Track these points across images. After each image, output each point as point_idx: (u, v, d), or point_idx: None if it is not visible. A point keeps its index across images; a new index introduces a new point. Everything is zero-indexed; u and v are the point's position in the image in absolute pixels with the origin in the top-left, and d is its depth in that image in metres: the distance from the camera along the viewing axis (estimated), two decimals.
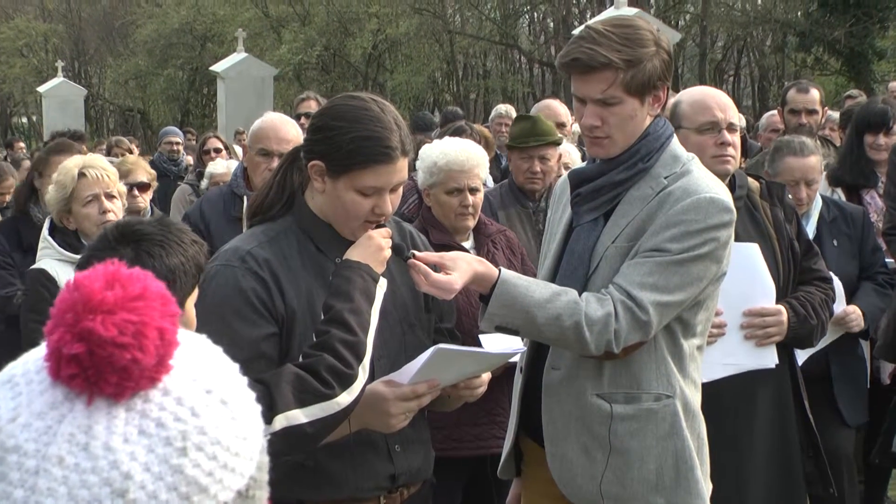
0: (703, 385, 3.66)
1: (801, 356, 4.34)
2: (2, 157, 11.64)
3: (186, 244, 2.44)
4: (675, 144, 3.10)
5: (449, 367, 2.76)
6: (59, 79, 28.59)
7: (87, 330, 1.08)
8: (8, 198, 8.01)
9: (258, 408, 1.19)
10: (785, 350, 3.96)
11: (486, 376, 2.96)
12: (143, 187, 6.13)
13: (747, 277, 3.85)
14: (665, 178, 3.02)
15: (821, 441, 4.05)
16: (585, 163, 3.31)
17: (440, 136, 5.73)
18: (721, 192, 3.02)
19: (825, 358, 4.68)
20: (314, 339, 2.57)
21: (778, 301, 3.92)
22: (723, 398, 3.76)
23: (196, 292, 2.51)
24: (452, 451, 4.34)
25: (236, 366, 1.20)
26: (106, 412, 1.09)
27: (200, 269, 2.49)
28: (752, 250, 3.85)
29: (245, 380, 1.20)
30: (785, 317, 3.88)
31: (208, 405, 1.12)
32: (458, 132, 5.82)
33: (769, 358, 3.89)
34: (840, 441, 4.82)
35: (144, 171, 6.27)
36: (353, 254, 2.71)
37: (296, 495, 2.78)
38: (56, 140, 6.81)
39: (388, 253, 2.76)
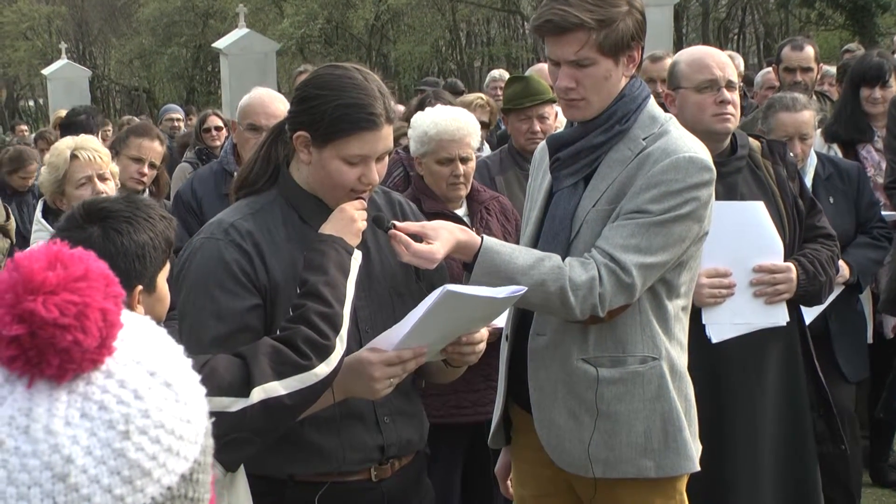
0: (714, 345, 3.66)
1: (807, 318, 4.31)
2: (10, 140, 11.62)
3: (155, 220, 2.44)
4: (652, 105, 3.08)
5: (452, 316, 2.68)
6: (63, 61, 28.48)
7: (27, 311, 1.06)
8: (30, 182, 8.03)
9: (202, 390, 1.17)
10: (793, 308, 3.94)
11: (484, 333, 2.88)
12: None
13: (754, 235, 3.82)
14: (643, 139, 3.00)
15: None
16: (563, 127, 3.29)
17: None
18: (700, 150, 3.00)
19: (823, 314, 4.66)
20: (290, 314, 2.56)
21: (785, 259, 3.89)
22: (732, 357, 3.76)
23: (167, 267, 2.51)
24: (451, 417, 4.34)
25: (180, 348, 1.19)
26: (47, 394, 1.07)
27: (170, 243, 2.49)
28: (758, 208, 3.82)
29: (189, 362, 1.18)
30: (794, 274, 3.86)
31: (152, 388, 1.11)
32: (421, 104, 5.67)
33: (780, 315, 3.87)
34: (841, 397, 4.79)
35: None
36: (326, 228, 2.70)
37: (285, 469, 2.78)
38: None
39: (362, 224, 2.74)
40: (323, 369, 2.49)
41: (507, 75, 10.03)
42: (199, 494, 1.14)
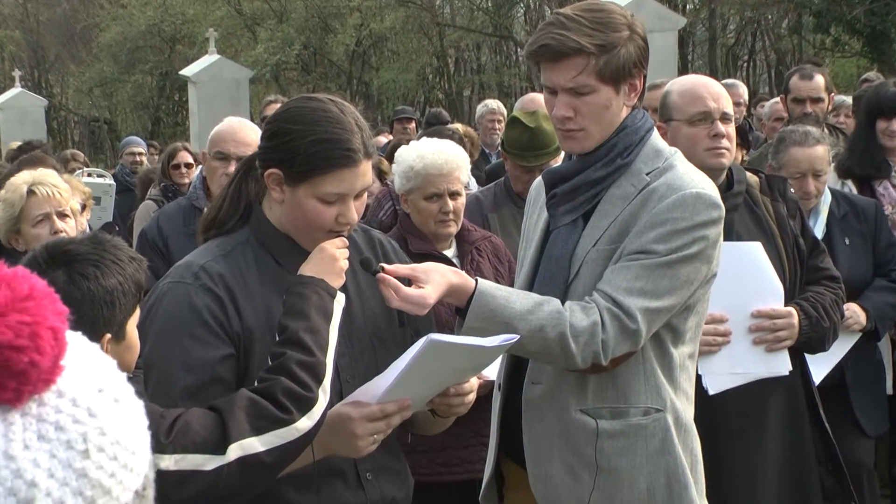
0: (710, 396, 3.67)
1: (819, 373, 4.31)
2: None
3: (124, 262, 2.45)
4: (656, 138, 3.10)
5: (438, 366, 2.69)
6: (16, 89, 28.47)
7: None
8: None
9: (141, 403, 1.21)
10: (796, 356, 3.95)
11: (474, 383, 2.90)
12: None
13: (752, 279, 3.83)
14: (647, 174, 3.02)
15: (839, 453, 4.04)
16: (561, 161, 3.32)
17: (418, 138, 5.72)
18: (708, 186, 3.02)
19: (839, 364, 4.67)
20: (269, 363, 2.56)
21: (786, 303, 3.91)
22: (730, 410, 3.77)
23: (137, 313, 2.51)
24: (439, 476, 4.34)
25: (114, 361, 1.22)
26: (1, 419, 1.11)
27: (140, 287, 2.49)
28: (755, 249, 3.83)
29: (123, 375, 1.22)
30: (796, 319, 3.87)
31: (103, 404, 1.15)
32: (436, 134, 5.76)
33: (782, 364, 3.88)
34: (859, 452, 4.81)
35: (79, 192, 6.09)
36: (306, 269, 2.70)
37: None
38: (28, 153, 6.83)
39: (344, 264, 2.74)
40: (304, 423, 2.48)
41: (502, 106, 10.09)
42: None
